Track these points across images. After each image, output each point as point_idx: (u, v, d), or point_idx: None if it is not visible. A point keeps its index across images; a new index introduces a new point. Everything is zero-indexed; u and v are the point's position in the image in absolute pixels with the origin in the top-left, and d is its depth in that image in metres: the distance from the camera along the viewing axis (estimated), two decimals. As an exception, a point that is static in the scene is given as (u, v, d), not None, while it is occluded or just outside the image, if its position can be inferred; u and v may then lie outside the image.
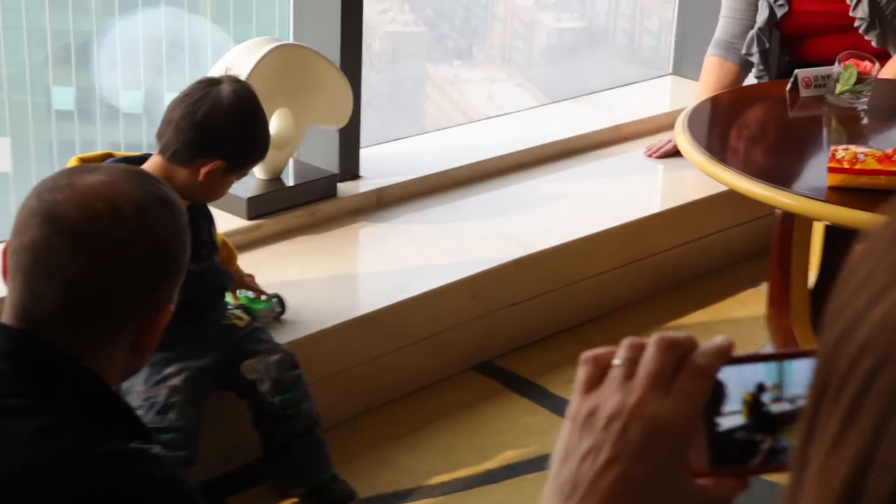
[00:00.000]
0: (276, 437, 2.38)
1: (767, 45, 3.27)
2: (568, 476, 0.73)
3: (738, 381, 0.73)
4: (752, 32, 3.26)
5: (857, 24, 3.18)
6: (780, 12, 3.22)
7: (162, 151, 2.19)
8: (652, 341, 0.74)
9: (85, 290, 1.33)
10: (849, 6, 3.17)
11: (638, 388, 0.73)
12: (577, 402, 0.75)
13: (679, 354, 0.73)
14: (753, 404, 0.73)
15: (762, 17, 3.24)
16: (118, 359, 1.38)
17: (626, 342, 0.75)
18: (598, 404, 0.74)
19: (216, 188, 2.24)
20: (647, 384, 0.73)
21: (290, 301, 2.60)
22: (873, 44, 3.17)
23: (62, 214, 1.32)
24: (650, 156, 3.52)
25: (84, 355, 1.35)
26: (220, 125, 2.18)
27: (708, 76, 3.39)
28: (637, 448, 0.71)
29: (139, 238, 1.34)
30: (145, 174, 1.43)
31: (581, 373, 0.76)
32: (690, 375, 0.73)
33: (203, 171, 2.18)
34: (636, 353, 0.74)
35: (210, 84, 2.22)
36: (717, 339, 0.74)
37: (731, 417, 0.73)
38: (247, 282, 2.55)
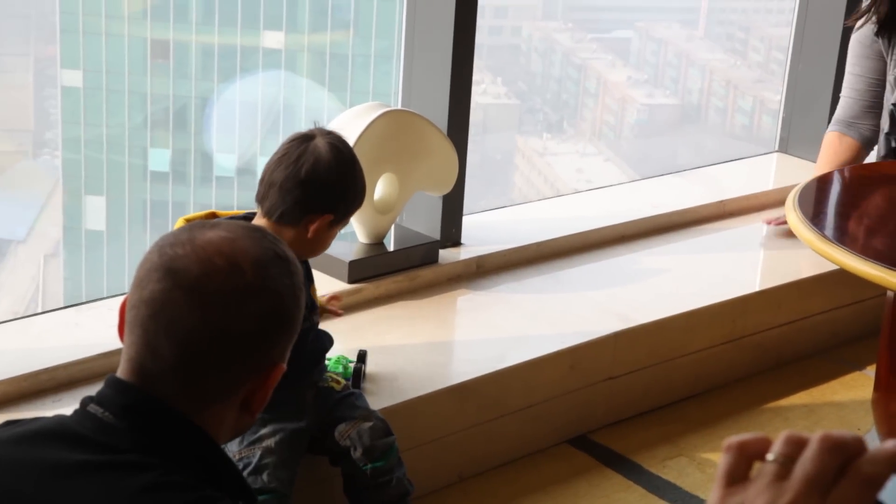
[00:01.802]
0: None
1: None
2: None
3: (895, 498, 0.66)
4: (889, 108, 3.23)
5: None
6: None
7: (268, 214, 2.18)
8: (815, 439, 0.67)
9: (201, 344, 1.32)
10: None
11: (792, 490, 0.65)
12: (718, 495, 0.68)
13: (844, 458, 0.66)
14: None
15: (894, 95, 3.22)
16: (229, 417, 1.38)
17: (785, 436, 0.68)
18: (742, 502, 0.67)
19: (324, 242, 2.23)
20: (803, 488, 0.65)
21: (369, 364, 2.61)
22: None
23: (182, 269, 1.32)
24: (770, 223, 3.47)
25: (196, 412, 1.34)
26: (325, 180, 2.17)
27: (826, 151, 3.38)
28: None
29: (257, 294, 1.34)
30: (264, 231, 1.42)
31: (724, 461, 0.69)
32: (854, 484, 0.65)
33: (312, 227, 2.18)
34: (795, 449, 0.67)
35: (304, 140, 2.21)
36: (890, 445, 0.66)
37: None
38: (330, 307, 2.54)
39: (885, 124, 3.30)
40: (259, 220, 2.20)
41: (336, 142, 2.22)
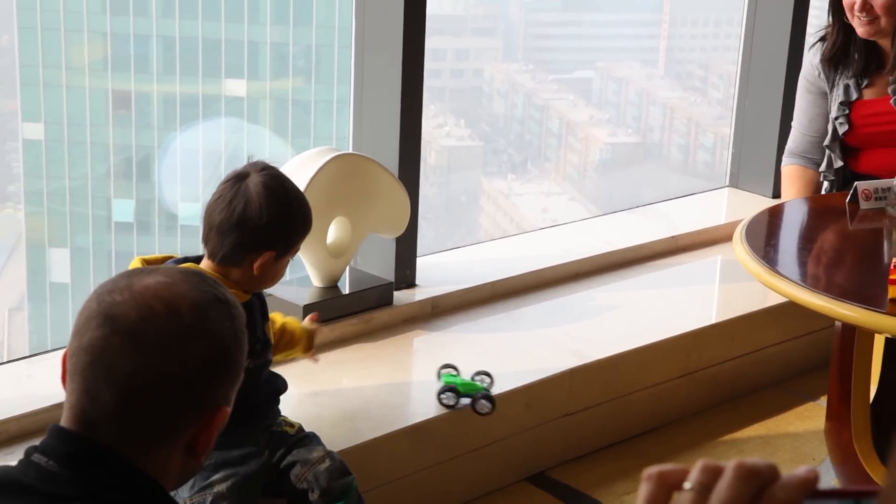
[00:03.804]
0: None
1: (842, 164, 3.30)
2: None
3: None
4: (827, 154, 3.31)
5: None
6: (841, 130, 3.27)
7: (211, 256, 2.21)
8: (730, 467, 0.69)
9: (141, 389, 1.33)
10: None
11: None
12: None
13: (758, 485, 0.67)
14: None
15: (829, 135, 3.29)
16: (174, 461, 1.38)
17: (701, 464, 0.69)
18: None
19: (273, 275, 2.25)
20: None
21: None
22: None
23: (121, 315, 1.34)
24: None
25: (140, 457, 1.35)
26: (258, 221, 2.18)
27: (794, 182, 3.39)
28: None
29: (196, 338, 1.35)
30: (203, 275, 1.44)
31: (644, 491, 0.70)
32: None
33: (256, 265, 2.20)
34: (711, 477, 0.69)
35: (238, 180, 2.22)
36: (801, 471, 0.69)
37: None
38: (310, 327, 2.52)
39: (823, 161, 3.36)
40: (205, 262, 2.21)
41: (268, 179, 2.21)
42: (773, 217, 2.98)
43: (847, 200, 2.89)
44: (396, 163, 3.04)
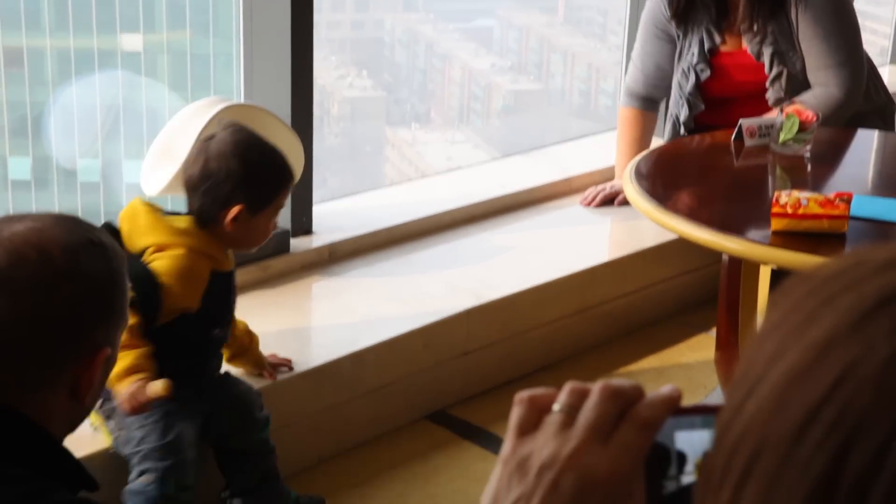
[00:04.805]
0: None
1: (703, 107, 3.37)
2: None
3: (689, 445, 0.68)
4: (686, 97, 3.36)
5: (769, 95, 3.28)
6: (703, 76, 3.32)
7: (191, 215, 2.26)
8: (595, 389, 0.71)
9: (15, 334, 1.34)
10: (766, 76, 3.28)
11: (575, 437, 0.69)
12: (510, 445, 0.71)
13: (623, 404, 0.69)
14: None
15: (690, 83, 3.33)
16: (58, 404, 1.39)
17: (569, 387, 0.71)
18: (531, 451, 0.70)
19: (253, 232, 2.28)
20: (586, 434, 0.69)
21: None
22: None
23: None
24: (587, 205, 3.56)
25: (22, 403, 1.36)
26: (217, 175, 2.23)
27: (631, 129, 3.50)
28: (568, 501, 0.67)
29: (68, 280, 1.36)
30: (77, 219, 1.45)
31: (515, 413, 0.72)
32: (632, 427, 0.69)
33: (227, 221, 2.23)
34: (578, 399, 0.71)
35: (206, 140, 2.29)
36: (665, 389, 0.70)
37: (681, 480, 0.68)
38: (273, 361, 2.60)
39: (680, 110, 3.40)
40: (192, 222, 2.26)
41: (232, 134, 2.27)
42: (662, 156, 3.04)
43: (732, 138, 2.97)
44: (289, 111, 3.04)
